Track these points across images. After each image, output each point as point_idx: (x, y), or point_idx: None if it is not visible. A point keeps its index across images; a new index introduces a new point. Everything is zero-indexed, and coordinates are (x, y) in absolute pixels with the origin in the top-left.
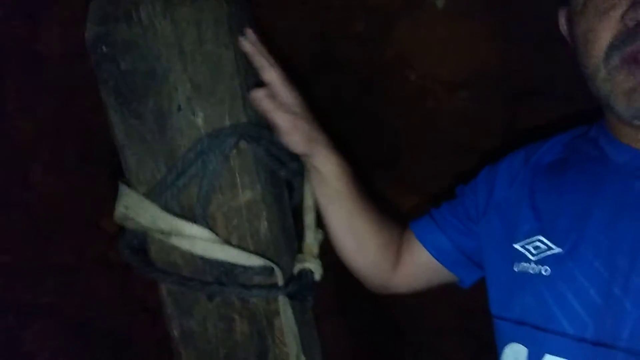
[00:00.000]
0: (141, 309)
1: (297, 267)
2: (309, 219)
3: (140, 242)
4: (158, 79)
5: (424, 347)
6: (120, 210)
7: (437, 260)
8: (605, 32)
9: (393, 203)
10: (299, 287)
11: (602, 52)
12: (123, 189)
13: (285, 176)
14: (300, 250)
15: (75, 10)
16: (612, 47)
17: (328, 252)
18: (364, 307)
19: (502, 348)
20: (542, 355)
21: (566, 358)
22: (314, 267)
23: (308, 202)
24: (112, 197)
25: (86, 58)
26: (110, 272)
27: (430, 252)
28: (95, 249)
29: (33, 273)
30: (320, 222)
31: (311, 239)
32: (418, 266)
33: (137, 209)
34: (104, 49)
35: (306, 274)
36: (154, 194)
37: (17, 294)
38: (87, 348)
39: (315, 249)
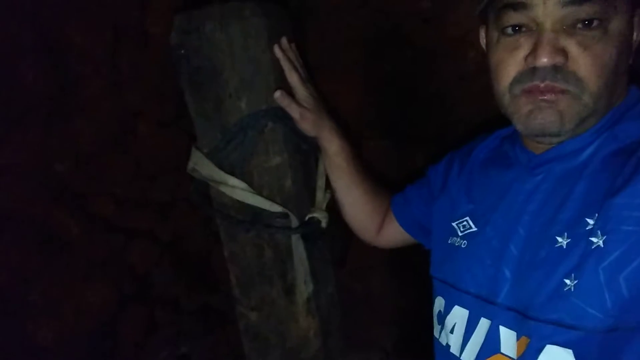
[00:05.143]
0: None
1: (308, 216)
2: (320, 182)
3: (205, 188)
4: (216, 74)
5: None
6: (190, 164)
7: (404, 228)
8: (511, 67)
9: None
10: (307, 230)
11: (508, 82)
12: (193, 149)
13: (307, 149)
14: (313, 204)
15: None
16: (515, 81)
17: None
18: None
19: (433, 299)
20: (453, 306)
21: (467, 309)
22: (321, 217)
23: (320, 170)
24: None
25: None
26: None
27: (399, 222)
28: (185, 189)
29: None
30: (329, 185)
31: (320, 197)
32: (394, 230)
33: (201, 165)
34: (182, 51)
35: (314, 221)
36: (212, 155)
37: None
38: (178, 266)
39: (322, 205)
